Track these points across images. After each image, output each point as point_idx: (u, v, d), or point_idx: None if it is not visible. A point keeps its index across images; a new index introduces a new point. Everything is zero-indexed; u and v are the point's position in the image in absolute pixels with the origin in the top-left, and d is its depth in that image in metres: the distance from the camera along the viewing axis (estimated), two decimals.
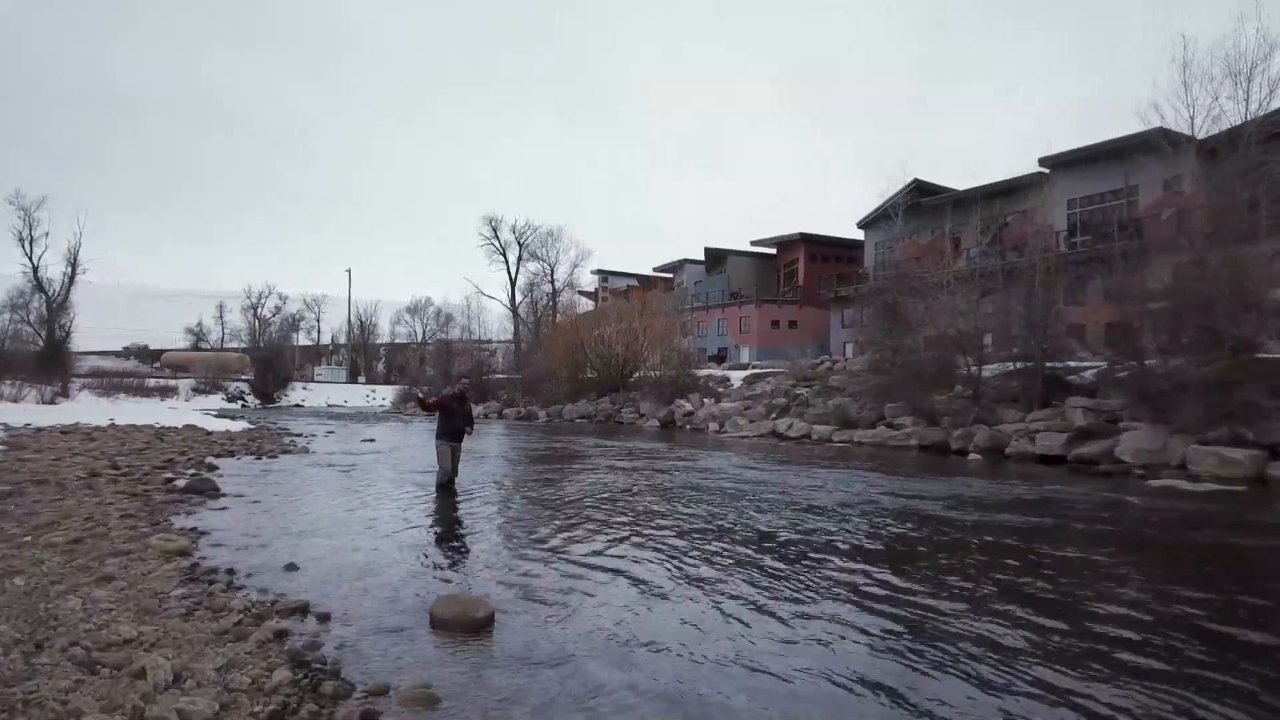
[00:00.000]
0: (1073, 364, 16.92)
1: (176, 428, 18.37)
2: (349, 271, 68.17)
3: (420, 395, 9.59)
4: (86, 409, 27.57)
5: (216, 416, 28.87)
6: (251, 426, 21.56)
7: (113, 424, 18.73)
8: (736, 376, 29.99)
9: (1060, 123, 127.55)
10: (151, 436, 15.01)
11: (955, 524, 7.40)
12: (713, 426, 23.55)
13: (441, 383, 30.44)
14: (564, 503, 8.52)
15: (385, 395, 52.60)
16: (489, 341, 59.15)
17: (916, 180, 36.57)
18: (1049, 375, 16.46)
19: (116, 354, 71.56)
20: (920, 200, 35.93)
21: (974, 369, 17.63)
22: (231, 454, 12.93)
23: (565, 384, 35.17)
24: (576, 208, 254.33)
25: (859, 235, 42.64)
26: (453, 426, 9.55)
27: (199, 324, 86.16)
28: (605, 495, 9.10)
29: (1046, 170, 32.41)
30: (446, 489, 9.30)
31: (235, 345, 76.30)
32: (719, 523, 7.32)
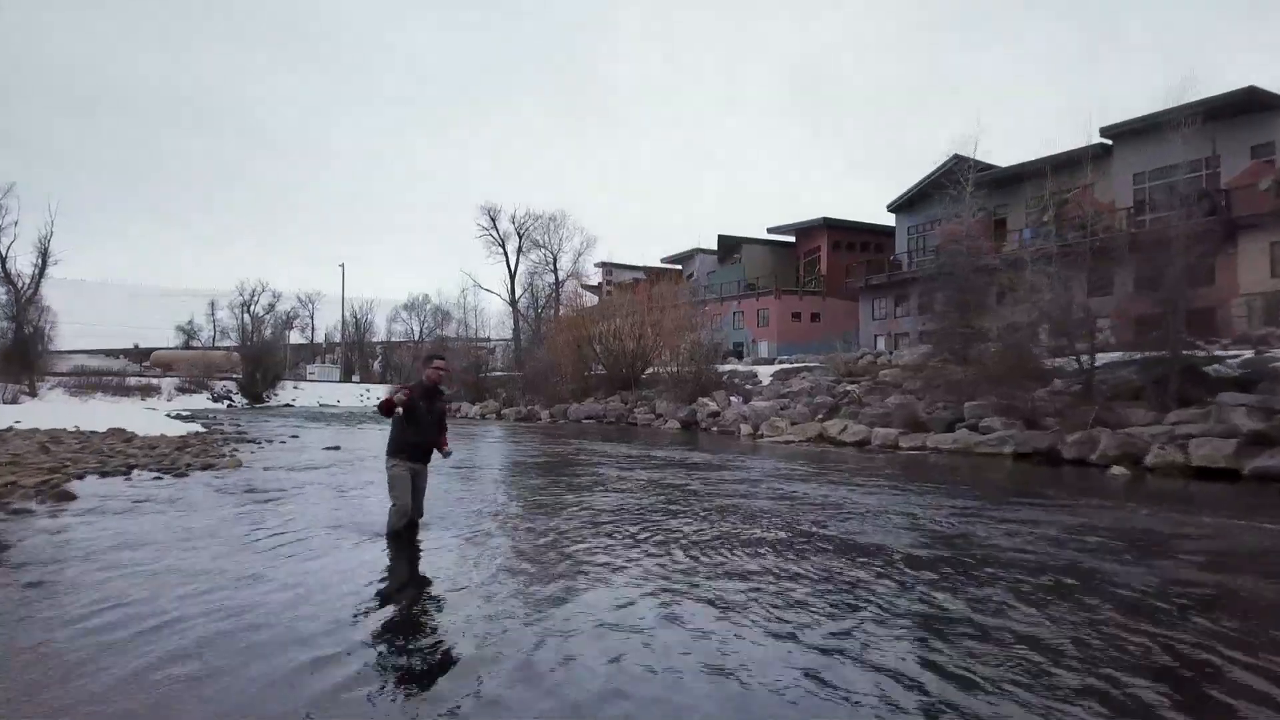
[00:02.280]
0: (1217, 352, 13.51)
1: (98, 431, 14.99)
2: (342, 266, 64.59)
3: (392, 397, 6.04)
4: (46, 409, 24.70)
5: (181, 418, 25.59)
6: (202, 430, 18.20)
7: (14, 426, 15.40)
8: (765, 372, 26.57)
9: (1062, 117, 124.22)
10: (36, 445, 11.54)
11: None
12: (744, 429, 20.16)
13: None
14: (585, 563, 5.14)
15: (380, 394, 49.61)
16: (487, 339, 55.84)
17: (958, 156, 33.13)
18: (1186, 366, 13.05)
19: (106, 353, 68.81)
20: (961, 178, 32.56)
21: (1084, 359, 14.20)
22: (127, 470, 9.55)
23: (570, 381, 32.01)
24: (578, 208, 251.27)
25: (886, 221, 39.45)
26: (417, 438, 6.03)
27: (190, 322, 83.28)
28: (649, 560, 5.71)
29: (1109, 141, 29.12)
30: (403, 538, 5.87)
31: (227, 344, 73.20)
32: (816, 599, 3.94)
